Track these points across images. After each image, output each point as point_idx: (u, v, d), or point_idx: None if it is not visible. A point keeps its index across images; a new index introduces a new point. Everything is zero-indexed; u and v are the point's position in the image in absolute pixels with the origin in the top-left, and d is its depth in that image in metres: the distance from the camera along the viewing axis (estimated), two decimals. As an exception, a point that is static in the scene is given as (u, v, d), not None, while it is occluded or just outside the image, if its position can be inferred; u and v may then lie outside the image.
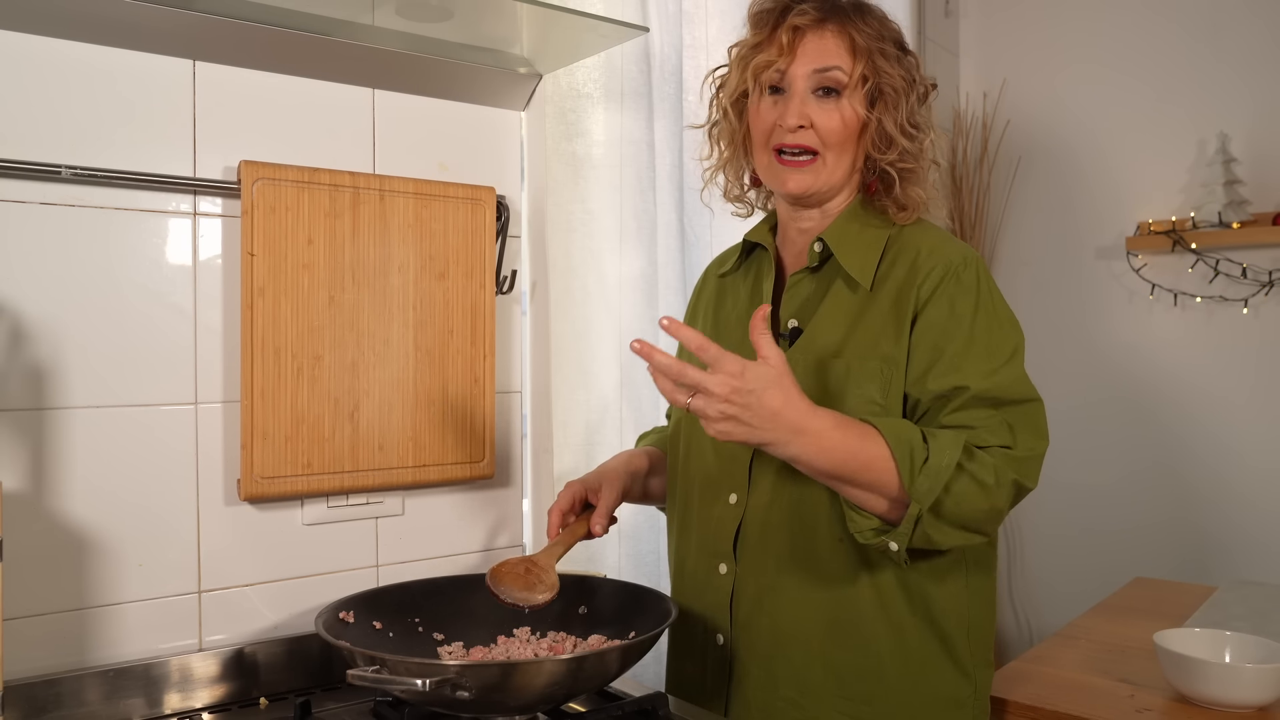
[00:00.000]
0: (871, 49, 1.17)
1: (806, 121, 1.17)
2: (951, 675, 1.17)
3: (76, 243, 1.21)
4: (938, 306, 1.13)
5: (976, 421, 1.08)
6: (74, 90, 1.21)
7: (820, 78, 1.17)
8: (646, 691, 1.20)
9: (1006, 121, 2.84)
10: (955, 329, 1.12)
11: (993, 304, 1.15)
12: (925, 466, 1.03)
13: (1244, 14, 2.44)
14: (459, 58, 1.48)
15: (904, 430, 1.05)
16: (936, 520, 1.05)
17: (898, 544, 1.06)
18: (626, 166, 1.78)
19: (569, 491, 1.28)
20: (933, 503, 1.03)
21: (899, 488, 1.04)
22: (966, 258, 1.16)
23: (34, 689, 1.15)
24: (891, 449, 1.03)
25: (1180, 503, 2.54)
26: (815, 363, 1.17)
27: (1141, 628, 1.69)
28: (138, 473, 1.25)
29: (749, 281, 1.31)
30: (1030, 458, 1.10)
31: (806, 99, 1.17)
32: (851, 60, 1.16)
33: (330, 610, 1.18)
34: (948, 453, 1.04)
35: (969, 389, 1.08)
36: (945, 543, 1.08)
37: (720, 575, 1.23)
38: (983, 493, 1.05)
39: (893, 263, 1.18)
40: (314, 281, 1.35)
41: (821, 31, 1.17)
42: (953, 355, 1.11)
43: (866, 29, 1.18)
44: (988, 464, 1.06)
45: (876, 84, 1.17)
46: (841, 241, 1.20)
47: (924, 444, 1.04)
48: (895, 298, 1.15)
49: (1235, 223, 2.38)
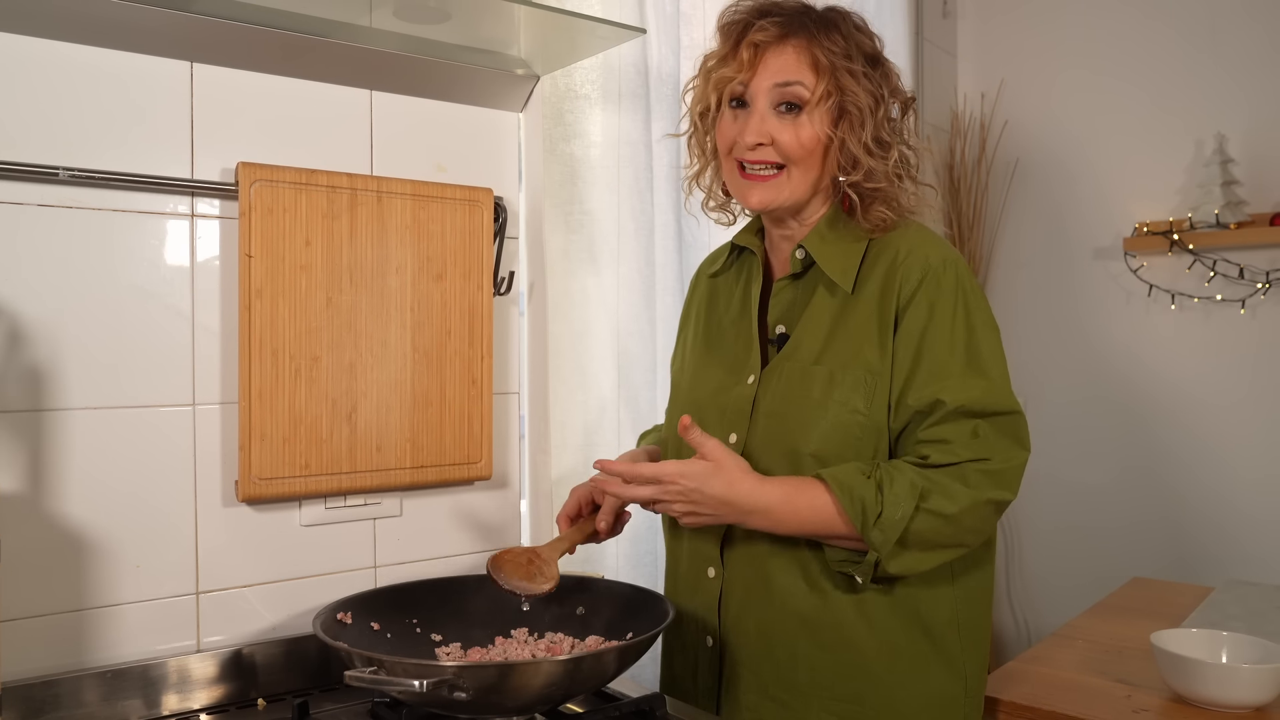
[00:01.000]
0: (836, 66, 1.15)
1: (766, 139, 1.16)
2: (941, 673, 1.17)
3: (74, 244, 1.21)
4: (917, 311, 1.13)
5: (951, 436, 1.10)
6: (72, 92, 1.21)
7: (781, 93, 1.15)
8: (644, 692, 1.20)
9: (1004, 122, 2.84)
10: (934, 336, 1.12)
11: (971, 308, 1.15)
12: (879, 521, 1.06)
13: (1241, 15, 2.44)
14: (456, 59, 1.48)
15: (857, 486, 1.07)
16: (901, 552, 1.08)
17: (860, 577, 1.11)
18: (624, 168, 1.78)
19: (574, 497, 1.30)
20: (894, 543, 1.07)
21: (854, 534, 1.09)
22: (945, 259, 1.16)
23: (32, 690, 1.15)
24: (840, 506, 1.07)
25: (1178, 503, 2.54)
26: (799, 369, 1.18)
27: (1138, 628, 1.69)
28: (136, 474, 1.25)
29: (740, 285, 1.32)
30: (1008, 469, 1.11)
31: (767, 115, 1.16)
32: (814, 76, 1.15)
33: (328, 611, 1.18)
34: (902, 505, 1.06)
35: (946, 404, 1.10)
36: (915, 569, 1.11)
37: (709, 579, 1.24)
38: (946, 523, 1.08)
39: (873, 264, 1.18)
40: (312, 283, 1.35)
41: (783, 47, 1.16)
42: (931, 365, 1.11)
43: (831, 46, 1.15)
44: (954, 494, 1.08)
45: (839, 102, 1.15)
46: (822, 247, 1.20)
47: (877, 498, 1.07)
48: (876, 301, 1.15)
49: (1232, 223, 2.39)
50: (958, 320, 1.13)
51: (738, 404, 1.21)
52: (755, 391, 1.20)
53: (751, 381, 1.21)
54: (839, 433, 1.13)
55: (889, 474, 1.08)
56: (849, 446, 1.13)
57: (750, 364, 1.23)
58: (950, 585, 1.18)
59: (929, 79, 2.78)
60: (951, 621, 1.18)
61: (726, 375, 1.25)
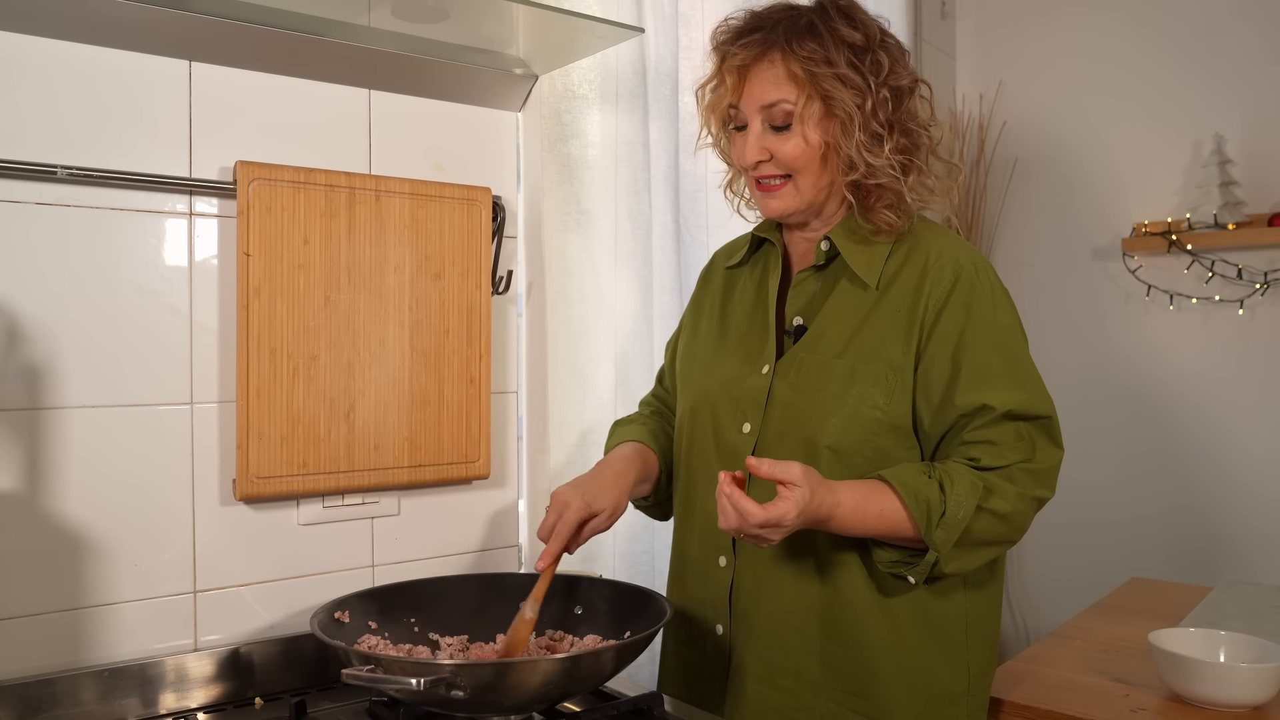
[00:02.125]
0: (816, 74, 1.13)
1: (765, 155, 1.18)
2: (947, 670, 1.18)
3: (72, 243, 1.21)
4: (953, 314, 1.14)
5: (999, 439, 1.11)
6: (70, 90, 1.21)
7: (769, 113, 1.17)
8: (641, 691, 1.20)
9: (1003, 123, 2.84)
10: (974, 339, 1.13)
11: (1007, 312, 1.17)
12: (943, 520, 1.07)
13: (1239, 16, 2.45)
14: (455, 59, 1.48)
15: (921, 488, 1.08)
16: (957, 552, 1.10)
17: (915, 578, 1.12)
18: (622, 168, 1.78)
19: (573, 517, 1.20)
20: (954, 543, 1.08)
21: (918, 535, 1.09)
22: (977, 263, 1.18)
23: (29, 689, 1.15)
24: (908, 509, 1.07)
25: (1176, 503, 2.54)
26: (819, 362, 1.18)
27: (1137, 628, 1.69)
28: (133, 473, 1.25)
29: (756, 276, 1.32)
30: (1048, 469, 1.14)
31: (764, 133, 1.18)
32: (796, 90, 1.15)
33: (325, 610, 1.18)
34: (965, 504, 1.07)
35: (995, 409, 1.11)
36: (967, 568, 1.12)
37: (720, 568, 1.24)
38: (1001, 522, 1.10)
39: (902, 264, 1.19)
40: (310, 282, 1.35)
41: (761, 65, 1.17)
42: (974, 368, 1.12)
43: (809, 55, 1.14)
44: (1007, 493, 1.09)
45: (826, 109, 1.15)
46: (849, 242, 1.21)
47: (941, 497, 1.08)
48: (906, 300, 1.16)
49: (1231, 224, 2.39)
50: (997, 323, 1.15)
51: (752, 394, 1.22)
52: (770, 382, 1.21)
53: (766, 371, 1.21)
54: (856, 426, 1.14)
55: (948, 474, 1.09)
56: (865, 441, 1.14)
57: (765, 354, 1.23)
58: (963, 584, 1.19)
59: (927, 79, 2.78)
60: (961, 619, 1.18)
61: (740, 365, 1.25)
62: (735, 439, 1.22)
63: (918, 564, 1.10)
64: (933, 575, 1.11)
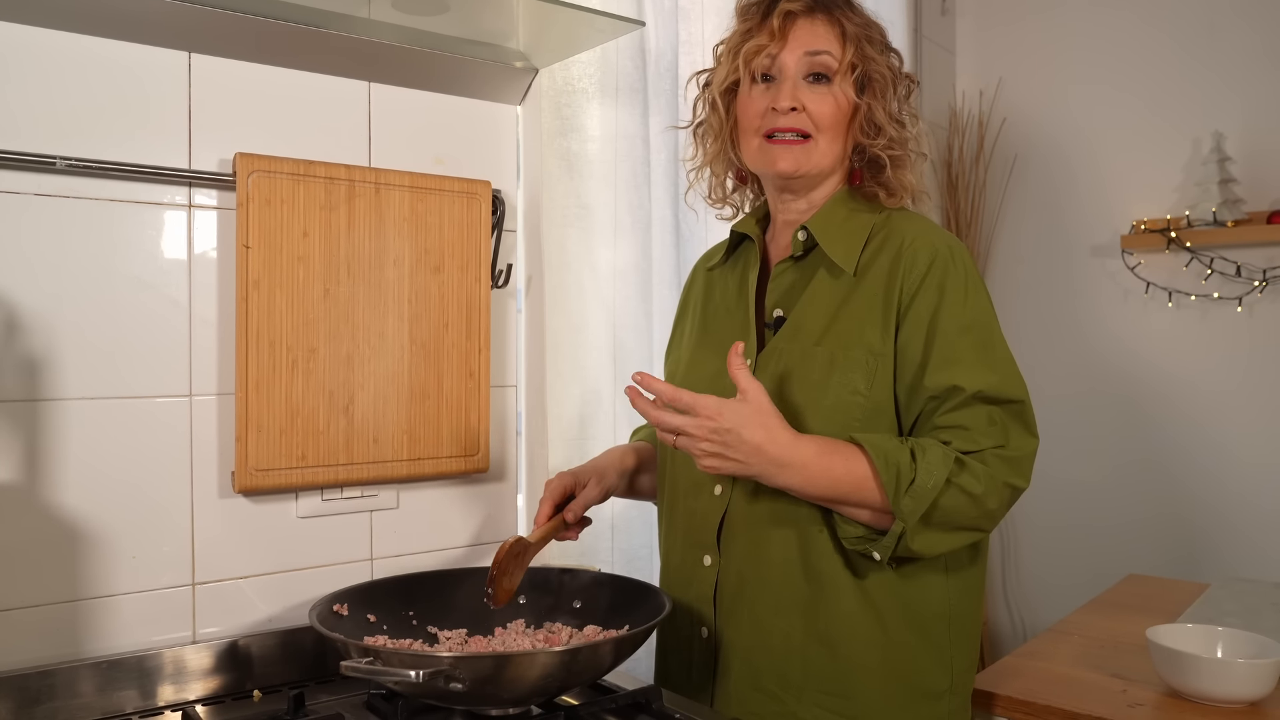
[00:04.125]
0: (860, 36, 1.20)
1: (799, 105, 1.18)
2: (928, 666, 1.17)
3: (71, 234, 1.21)
4: (926, 295, 1.14)
5: (970, 423, 1.10)
6: (69, 81, 1.21)
7: (811, 62, 1.18)
8: (640, 685, 1.20)
9: (1002, 119, 2.84)
10: (946, 320, 1.13)
11: (980, 294, 1.17)
12: (911, 487, 1.06)
13: (1239, 14, 2.45)
14: (455, 51, 1.48)
15: (892, 450, 1.07)
16: (925, 529, 1.08)
17: (880, 554, 1.10)
18: (621, 162, 1.78)
19: (560, 483, 1.28)
20: (919, 517, 1.06)
21: (885, 504, 1.07)
22: (952, 246, 1.17)
23: (27, 680, 1.15)
24: (878, 470, 1.06)
25: (1173, 500, 2.55)
26: (799, 351, 1.18)
27: (1134, 624, 1.69)
28: (132, 464, 1.25)
29: (736, 272, 1.32)
30: (1022, 457, 1.11)
31: (798, 84, 1.19)
32: (841, 47, 1.19)
33: (324, 603, 1.18)
34: (935, 472, 1.06)
35: (964, 389, 1.10)
36: (935, 550, 1.10)
37: (704, 567, 1.23)
38: (972, 502, 1.08)
39: (878, 249, 1.19)
40: (309, 274, 1.35)
41: (812, 18, 1.20)
42: (945, 349, 1.12)
43: (856, 18, 1.21)
44: (978, 472, 1.08)
45: (865, 71, 1.20)
46: (826, 229, 1.21)
47: (911, 464, 1.07)
48: (881, 285, 1.16)
49: (1229, 221, 2.39)
50: (968, 305, 1.14)
51: (734, 388, 1.21)
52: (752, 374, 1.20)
53: (748, 364, 1.21)
54: (840, 413, 1.13)
55: (920, 445, 1.08)
56: (849, 427, 1.13)
57: (747, 348, 1.23)
58: (944, 578, 1.18)
59: (927, 76, 2.78)
60: (943, 615, 1.18)
61: (723, 360, 1.25)
62: None
63: (881, 541, 1.09)
64: (899, 555, 1.09)
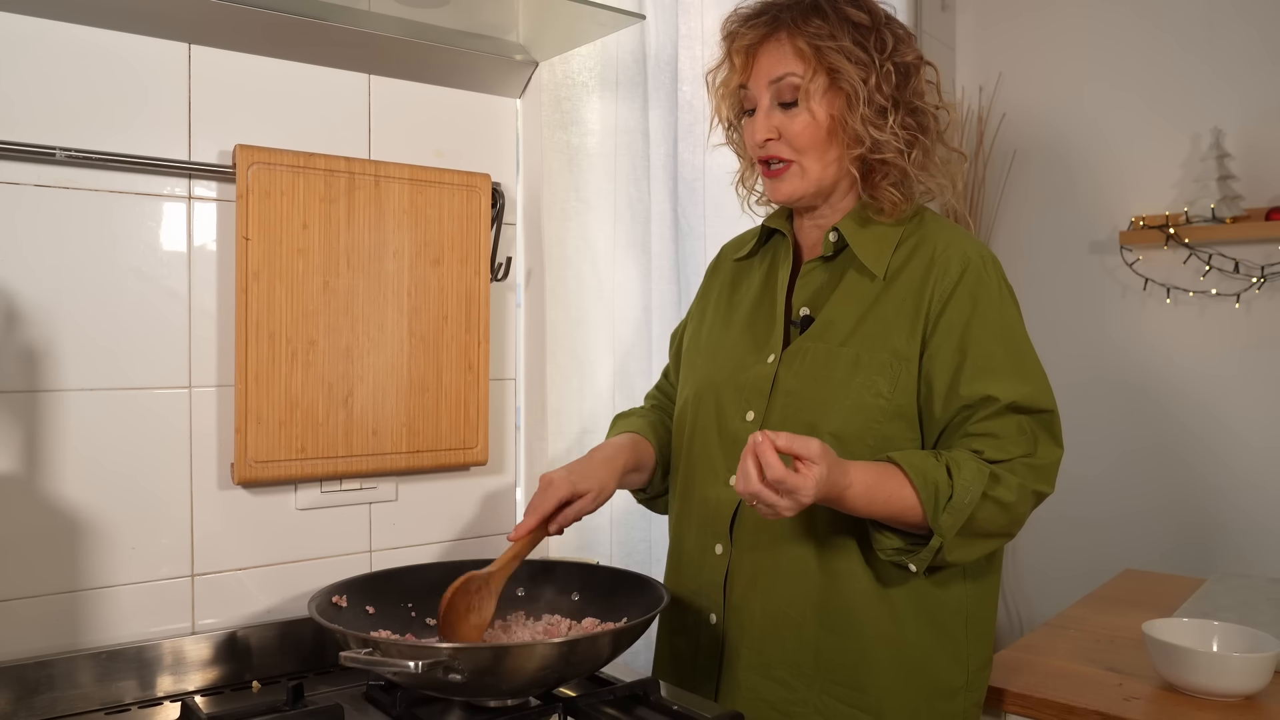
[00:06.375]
0: (822, 49, 1.16)
1: (774, 134, 1.19)
2: (945, 663, 1.18)
3: (71, 225, 1.21)
4: (959, 305, 1.14)
5: (1002, 431, 1.11)
6: (69, 72, 1.21)
7: (776, 88, 1.19)
8: (638, 677, 1.21)
9: (1002, 115, 2.84)
10: (980, 330, 1.14)
11: (1011, 305, 1.18)
12: (949, 504, 1.07)
13: (1238, 10, 2.44)
14: (455, 44, 1.48)
15: (930, 469, 1.08)
16: (958, 540, 1.09)
17: (916, 566, 1.11)
18: (621, 156, 1.78)
19: (556, 493, 1.21)
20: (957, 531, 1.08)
21: (924, 522, 1.08)
22: (984, 256, 1.18)
23: (26, 670, 1.15)
24: (917, 490, 1.07)
25: (1170, 495, 2.55)
26: (825, 350, 1.18)
27: (1130, 618, 1.70)
28: (131, 456, 1.25)
29: (764, 267, 1.32)
30: (1049, 465, 1.14)
31: (772, 111, 1.20)
32: (802, 65, 1.17)
33: (323, 594, 1.18)
34: (972, 489, 1.07)
35: (998, 400, 1.11)
36: (968, 558, 1.12)
37: (716, 555, 1.24)
38: (1004, 512, 1.10)
39: (909, 255, 1.19)
40: (309, 266, 1.35)
41: (769, 44, 1.20)
42: (979, 358, 1.13)
43: (815, 31, 1.17)
44: (1011, 484, 1.09)
45: (833, 84, 1.17)
46: (857, 232, 1.21)
47: (949, 481, 1.08)
48: (912, 291, 1.16)
49: (1228, 218, 2.39)
50: (1002, 315, 1.15)
51: (756, 382, 1.22)
52: (775, 370, 1.21)
53: (771, 360, 1.22)
54: (860, 414, 1.14)
55: (955, 460, 1.09)
56: (868, 428, 1.14)
57: (772, 343, 1.23)
58: (963, 578, 1.19)
59: (928, 70, 2.78)
60: (960, 613, 1.19)
61: (746, 354, 1.25)
62: (738, 426, 1.22)
63: (919, 552, 1.10)
64: (934, 564, 1.11)
